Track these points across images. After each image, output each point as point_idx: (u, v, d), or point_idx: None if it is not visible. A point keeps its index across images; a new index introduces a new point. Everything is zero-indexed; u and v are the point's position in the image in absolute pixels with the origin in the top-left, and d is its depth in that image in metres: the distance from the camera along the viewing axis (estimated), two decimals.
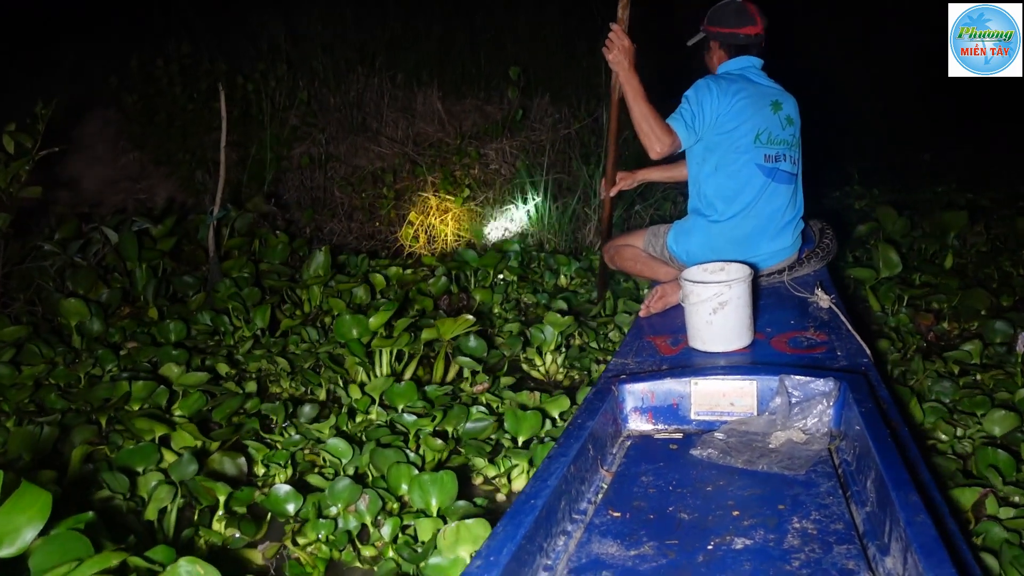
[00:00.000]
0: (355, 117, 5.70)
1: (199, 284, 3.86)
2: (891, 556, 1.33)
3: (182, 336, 3.33)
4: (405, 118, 5.73)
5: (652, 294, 2.84)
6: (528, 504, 1.44)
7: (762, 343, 2.42)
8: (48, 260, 3.83)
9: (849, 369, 2.10)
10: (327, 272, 3.85)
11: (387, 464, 2.25)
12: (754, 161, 2.75)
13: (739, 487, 1.67)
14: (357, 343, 2.98)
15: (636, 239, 3.17)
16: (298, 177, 5.49)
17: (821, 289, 2.64)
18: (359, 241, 5.16)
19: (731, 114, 2.72)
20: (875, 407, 1.73)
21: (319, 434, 2.57)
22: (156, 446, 2.35)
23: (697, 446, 1.87)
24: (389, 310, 3.06)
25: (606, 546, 1.48)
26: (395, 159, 5.46)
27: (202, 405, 2.69)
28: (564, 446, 1.71)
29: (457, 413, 2.58)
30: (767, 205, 2.78)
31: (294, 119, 5.57)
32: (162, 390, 2.71)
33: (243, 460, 2.34)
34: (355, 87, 5.78)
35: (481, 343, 3.12)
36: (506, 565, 1.25)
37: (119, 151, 5.54)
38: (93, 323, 3.37)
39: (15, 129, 3.36)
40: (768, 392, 1.98)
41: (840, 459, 1.76)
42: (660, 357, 2.44)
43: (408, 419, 2.56)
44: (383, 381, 2.76)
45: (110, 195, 5.27)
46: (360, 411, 2.72)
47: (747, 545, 1.43)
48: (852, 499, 1.58)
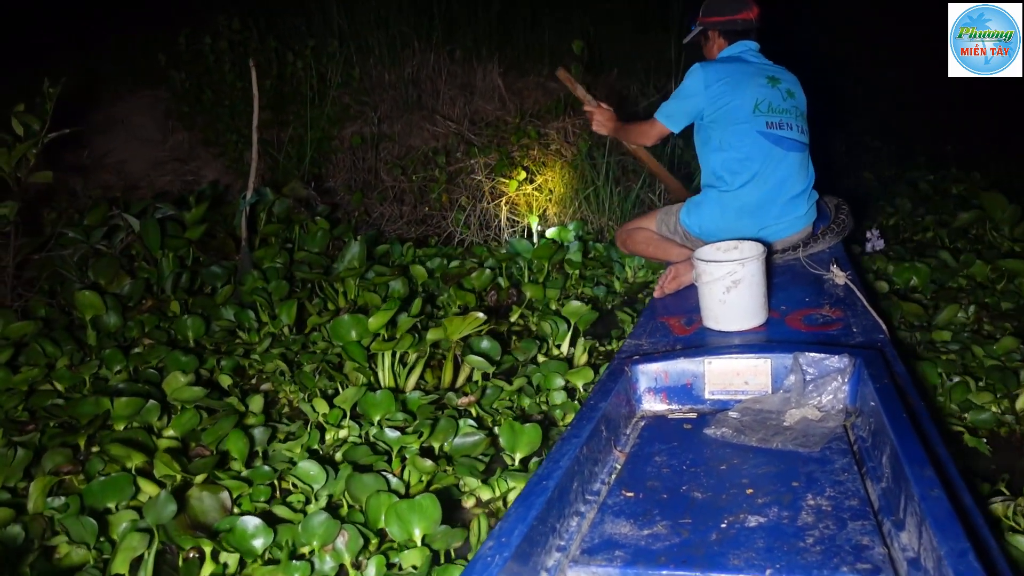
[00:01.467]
0: (410, 94, 5.35)
1: (227, 275, 3.60)
2: (906, 531, 1.32)
3: (200, 333, 3.10)
4: (463, 95, 5.37)
5: (666, 274, 2.83)
6: (540, 485, 1.45)
7: (777, 321, 2.40)
8: (69, 248, 3.58)
9: (865, 346, 2.08)
10: (362, 263, 3.56)
11: (366, 492, 1.95)
12: (756, 129, 2.79)
13: (753, 465, 1.66)
14: (356, 346, 2.71)
15: (648, 221, 3.16)
16: (349, 158, 5.18)
17: (837, 265, 2.61)
18: (409, 227, 4.85)
19: (725, 88, 2.80)
20: (891, 383, 1.71)
21: (290, 454, 2.26)
22: (131, 478, 2.02)
23: (711, 425, 1.86)
24: (391, 309, 2.76)
25: (619, 526, 1.48)
26: (449, 139, 5.10)
27: (195, 424, 2.37)
28: (577, 427, 1.71)
29: (445, 427, 2.30)
30: (774, 172, 2.80)
31: (345, 97, 5.28)
32: (152, 406, 2.40)
33: (226, 495, 1.96)
34: (411, 63, 5.43)
35: (494, 345, 2.81)
36: (518, 546, 1.26)
37: (167, 131, 5.36)
38: (109, 317, 3.15)
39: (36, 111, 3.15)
40: (782, 370, 1.96)
41: (855, 436, 1.75)
42: (674, 337, 2.43)
43: (391, 436, 2.28)
44: (354, 392, 2.47)
45: (156, 177, 5.10)
46: (330, 426, 2.42)
47: (761, 523, 1.43)
48: (867, 475, 1.57)
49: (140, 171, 5.15)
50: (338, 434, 2.39)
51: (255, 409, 2.52)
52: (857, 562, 1.27)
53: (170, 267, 3.58)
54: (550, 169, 4.76)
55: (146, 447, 2.23)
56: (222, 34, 5.07)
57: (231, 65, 5.04)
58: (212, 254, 3.79)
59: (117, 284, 3.43)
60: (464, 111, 5.27)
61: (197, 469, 2.14)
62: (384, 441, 2.29)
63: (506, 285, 3.62)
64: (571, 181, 4.72)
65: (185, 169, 5.22)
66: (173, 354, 2.80)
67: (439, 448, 2.28)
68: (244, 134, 4.93)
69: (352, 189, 4.97)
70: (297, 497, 2.06)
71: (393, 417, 2.41)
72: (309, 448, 2.31)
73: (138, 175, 5.11)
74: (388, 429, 2.31)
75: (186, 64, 5.10)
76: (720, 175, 2.87)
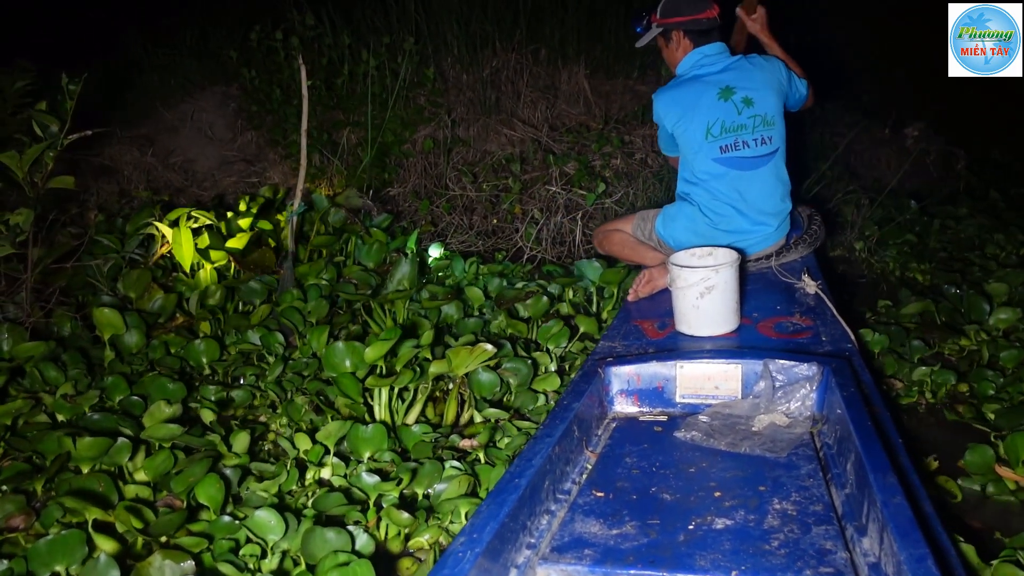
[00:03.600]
0: (488, 96, 4.99)
1: (267, 292, 3.26)
2: (868, 537, 1.36)
3: (215, 357, 2.80)
4: (545, 98, 5.02)
5: (640, 278, 2.85)
6: (512, 483, 1.46)
7: (748, 328, 2.44)
8: (100, 257, 3.34)
9: (833, 354, 2.12)
10: (414, 283, 3.21)
11: (324, 551, 1.71)
12: (710, 157, 2.77)
13: (721, 469, 1.69)
14: (351, 379, 2.44)
15: (625, 224, 3.18)
16: (420, 163, 4.86)
17: (808, 275, 2.66)
18: (477, 239, 4.45)
19: (678, 116, 2.80)
20: (857, 392, 1.75)
21: (265, 496, 2.05)
22: (84, 536, 1.71)
23: (681, 428, 1.89)
24: (389, 338, 2.43)
25: (589, 525, 1.50)
26: (526, 145, 4.75)
27: (169, 467, 2.09)
28: (549, 427, 1.72)
29: (430, 471, 2.08)
30: (738, 193, 2.78)
31: (420, 98, 4.99)
32: (121, 445, 2.10)
33: (191, 563, 1.66)
34: (491, 63, 5.08)
35: (494, 378, 2.55)
36: (488, 543, 1.27)
37: (237, 130, 5.24)
38: (131, 336, 2.86)
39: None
40: (752, 376, 2.00)
41: (822, 442, 1.78)
42: (647, 340, 2.45)
43: (368, 481, 2.03)
44: (338, 426, 2.22)
45: (222, 178, 4.99)
46: (311, 464, 2.17)
47: (728, 525, 1.45)
48: (832, 481, 1.61)
49: (205, 171, 5.04)
50: (319, 474, 2.17)
51: (239, 449, 2.24)
52: (820, 566, 1.30)
53: (207, 280, 3.29)
54: (633, 180, 4.43)
55: (107, 499, 1.94)
56: (294, 29, 4.89)
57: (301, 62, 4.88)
58: (252, 267, 3.45)
59: (148, 298, 3.14)
60: (545, 115, 4.98)
61: (159, 529, 1.84)
62: (361, 488, 2.04)
63: (567, 312, 3.21)
64: (656, 195, 4.34)
65: (251, 170, 5.07)
66: (158, 381, 2.52)
67: (423, 494, 2.08)
68: (312, 135, 4.66)
69: (420, 196, 4.66)
70: (251, 549, 1.82)
71: (380, 457, 2.19)
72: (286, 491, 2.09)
73: (203, 175, 5.00)
74: (366, 473, 2.06)
75: (257, 61, 4.96)
76: (688, 192, 2.89)
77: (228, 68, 5.22)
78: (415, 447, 2.25)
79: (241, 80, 5.07)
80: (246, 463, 2.18)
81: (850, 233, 4.32)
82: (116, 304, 3.02)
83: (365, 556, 1.70)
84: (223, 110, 5.31)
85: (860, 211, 4.45)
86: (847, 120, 5.45)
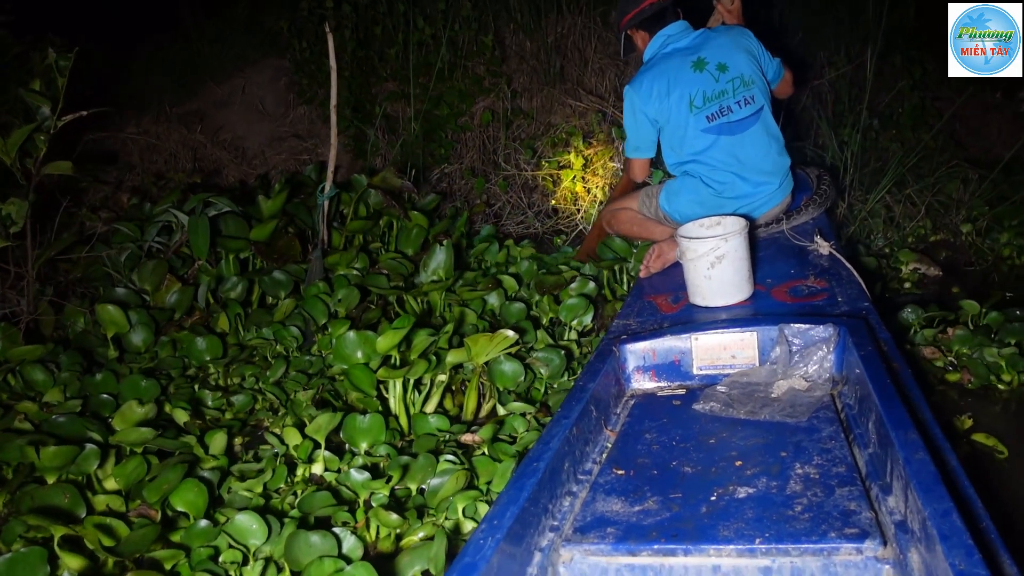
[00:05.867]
0: (552, 64, 4.63)
1: (293, 283, 3.05)
2: (893, 495, 1.34)
3: (217, 355, 2.68)
4: (616, 65, 4.60)
5: (650, 253, 2.84)
6: (531, 467, 1.46)
7: (762, 294, 2.41)
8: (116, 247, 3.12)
9: (849, 314, 2.09)
10: (450, 274, 2.98)
11: (309, 556, 1.62)
12: (698, 128, 2.77)
13: (742, 438, 1.68)
14: (363, 370, 2.29)
15: (631, 201, 3.16)
16: (478, 137, 4.53)
17: (820, 236, 2.62)
18: (536, 220, 4.21)
19: (656, 101, 2.78)
20: (875, 350, 1.73)
21: (249, 496, 1.96)
22: (46, 553, 1.57)
23: (700, 400, 1.88)
24: (403, 326, 2.28)
25: (611, 503, 1.49)
26: (589, 117, 4.37)
27: (142, 473, 1.95)
28: (566, 408, 1.72)
29: (424, 465, 1.95)
30: (734, 157, 2.78)
31: (479, 68, 4.63)
32: (90, 452, 1.97)
33: None
34: (555, 28, 4.71)
35: (517, 368, 2.39)
36: (510, 528, 1.27)
37: (289, 105, 5.01)
38: (137, 334, 2.73)
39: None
40: (769, 342, 1.98)
41: (842, 404, 1.76)
42: (661, 315, 2.44)
43: (357, 478, 1.92)
44: (327, 419, 2.09)
45: (272, 155, 4.78)
46: (300, 461, 2.08)
47: (750, 494, 1.44)
48: (854, 442, 1.59)
49: (255, 148, 4.83)
50: (308, 470, 2.07)
51: (216, 450, 2.12)
52: (845, 527, 1.28)
53: (230, 272, 3.08)
54: None
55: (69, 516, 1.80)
56: None
57: (352, 31, 4.54)
58: (276, 258, 3.17)
59: (166, 291, 2.96)
60: (613, 84, 4.57)
61: (132, 544, 1.70)
62: (349, 486, 1.93)
63: (613, 298, 3.06)
64: None
65: (302, 147, 4.83)
66: (130, 379, 2.38)
67: (416, 490, 1.96)
68: (366, 109, 4.47)
69: (476, 173, 4.37)
70: (232, 556, 1.72)
71: (376, 451, 2.09)
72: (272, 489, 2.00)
73: (253, 152, 4.80)
74: (355, 470, 1.95)
75: (309, 32, 4.64)
76: (684, 170, 2.87)
77: (280, 40, 4.98)
78: (418, 441, 2.15)
79: (292, 52, 4.83)
80: (224, 464, 2.08)
81: (955, 214, 3.82)
82: (125, 299, 2.88)
83: (354, 559, 1.62)
84: (275, 84, 5.12)
85: (967, 188, 3.93)
86: (950, 82, 4.64)
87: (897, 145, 4.07)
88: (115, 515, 1.85)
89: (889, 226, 3.79)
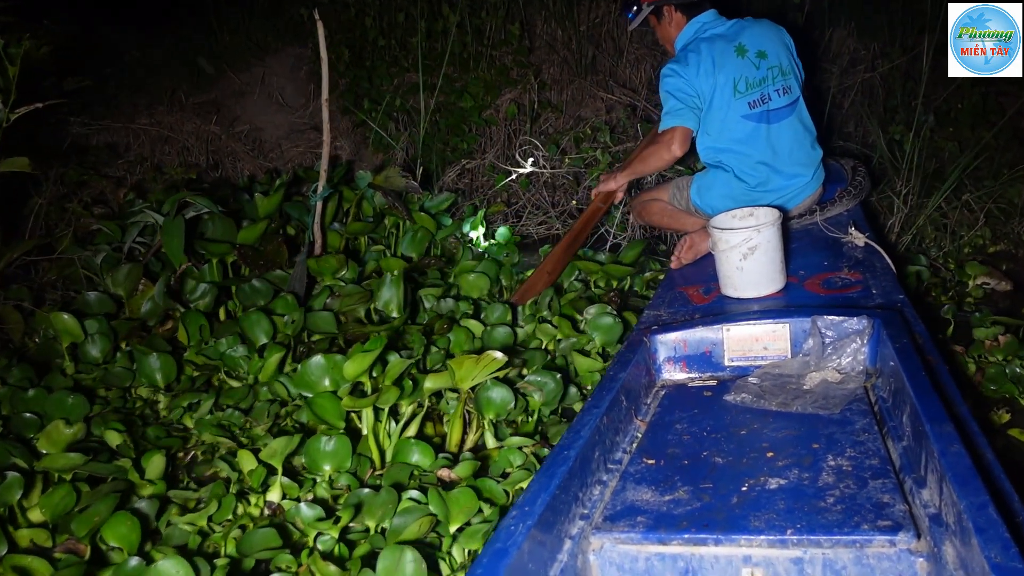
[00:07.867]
0: (584, 54, 4.41)
1: (272, 293, 2.78)
2: (927, 488, 1.33)
3: (171, 377, 2.43)
4: (653, 55, 4.37)
5: (681, 244, 2.83)
6: (561, 455, 1.47)
7: (795, 286, 2.40)
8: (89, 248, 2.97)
9: (884, 306, 2.07)
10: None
11: None
12: (739, 114, 2.72)
13: (773, 429, 1.67)
14: (329, 399, 2.05)
15: (662, 192, 3.15)
16: (503, 131, 4.31)
17: (855, 228, 2.59)
18: (558, 220, 3.97)
19: (702, 82, 2.72)
20: (910, 343, 1.71)
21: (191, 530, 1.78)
22: None
23: (731, 391, 1.87)
24: (374, 348, 2.06)
25: (641, 492, 1.50)
26: (619, 111, 4.17)
27: (71, 503, 1.78)
28: (597, 398, 1.72)
29: (384, 501, 1.74)
30: (770, 147, 2.75)
31: (506, 57, 4.43)
32: (13, 480, 1.79)
33: None
34: (588, 16, 4.48)
35: (507, 394, 2.12)
36: (541, 515, 1.28)
37: (308, 96, 4.82)
38: (94, 345, 2.53)
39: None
40: (801, 334, 1.96)
41: (876, 396, 1.75)
42: (692, 306, 2.43)
43: (307, 514, 1.73)
44: (283, 443, 1.90)
45: (289, 148, 4.63)
46: (254, 490, 1.89)
47: (781, 485, 1.44)
48: (888, 435, 1.57)
49: (273, 140, 4.69)
50: (263, 500, 1.89)
51: (152, 474, 1.93)
52: (878, 519, 1.28)
53: (214, 276, 2.86)
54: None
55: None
56: None
57: (373, 19, 4.38)
58: (262, 264, 2.97)
59: (141, 296, 2.78)
60: (649, 76, 4.38)
61: None
62: (298, 522, 1.74)
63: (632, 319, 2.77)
64: None
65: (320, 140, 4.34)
66: (56, 395, 2.18)
67: (375, 528, 1.75)
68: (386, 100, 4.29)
69: (497, 170, 4.13)
70: None
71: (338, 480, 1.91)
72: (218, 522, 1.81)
73: (269, 144, 4.67)
74: (305, 505, 1.76)
75: (330, 20, 4.39)
76: (718, 159, 2.82)
77: (300, 28, 4.84)
78: (389, 471, 1.93)
79: (314, 40, 4.33)
80: (162, 491, 1.91)
81: (1018, 222, 3.49)
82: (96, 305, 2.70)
83: None
84: (295, 73, 4.95)
85: None
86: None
87: (954, 145, 3.85)
88: (39, 551, 1.72)
89: (943, 235, 3.48)
